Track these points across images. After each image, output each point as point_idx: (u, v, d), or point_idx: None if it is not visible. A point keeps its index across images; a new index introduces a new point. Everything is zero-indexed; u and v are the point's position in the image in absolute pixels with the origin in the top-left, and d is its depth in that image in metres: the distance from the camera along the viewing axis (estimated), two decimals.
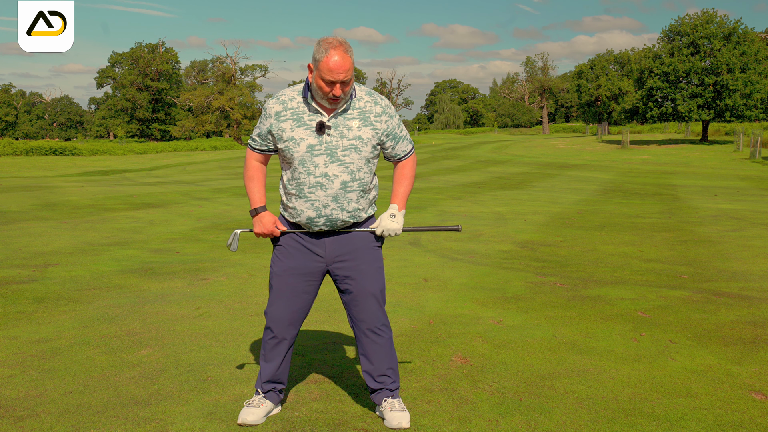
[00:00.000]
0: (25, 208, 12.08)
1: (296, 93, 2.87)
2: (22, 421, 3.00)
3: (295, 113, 2.83)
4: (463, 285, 5.89)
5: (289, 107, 2.84)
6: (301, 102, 2.84)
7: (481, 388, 3.42)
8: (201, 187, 17.92)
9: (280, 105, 2.86)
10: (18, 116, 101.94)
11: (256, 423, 2.98)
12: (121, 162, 38.80)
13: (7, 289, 5.54)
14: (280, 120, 2.84)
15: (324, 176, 2.82)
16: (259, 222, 2.97)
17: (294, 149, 2.82)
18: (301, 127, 2.81)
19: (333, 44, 2.69)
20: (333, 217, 2.88)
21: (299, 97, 2.85)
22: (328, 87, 2.71)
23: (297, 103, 2.84)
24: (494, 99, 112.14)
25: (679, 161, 32.33)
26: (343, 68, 2.67)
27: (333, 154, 2.82)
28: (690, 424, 3.00)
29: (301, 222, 2.93)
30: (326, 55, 2.67)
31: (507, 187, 18.77)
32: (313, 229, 2.91)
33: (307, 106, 2.83)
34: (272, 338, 3.04)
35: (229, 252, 7.60)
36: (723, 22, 40.35)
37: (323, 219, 2.88)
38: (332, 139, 2.81)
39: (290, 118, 2.83)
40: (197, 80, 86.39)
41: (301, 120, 2.82)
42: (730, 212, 12.38)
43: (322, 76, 2.69)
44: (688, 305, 5.14)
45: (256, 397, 3.07)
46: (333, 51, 2.68)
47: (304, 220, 2.90)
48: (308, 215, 2.88)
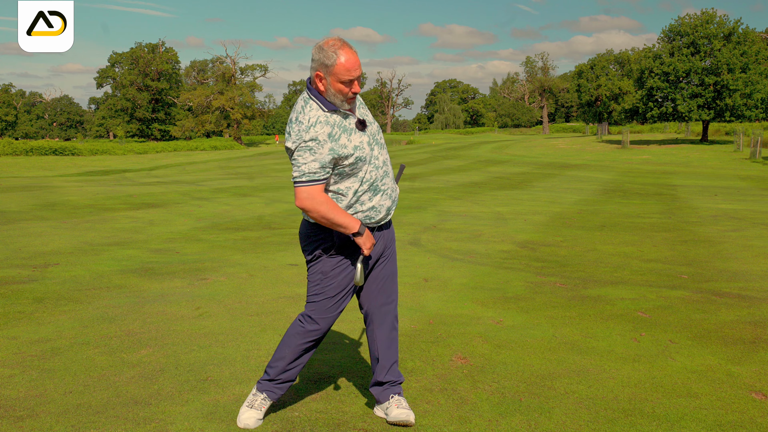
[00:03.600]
0: (25, 208, 12.08)
1: (320, 111, 2.77)
2: (22, 421, 3.00)
3: (339, 125, 2.77)
4: (463, 285, 5.88)
5: (330, 122, 2.76)
6: (332, 114, 2.79)
7: (481, 388, 3.42)
8: (201, 187, 17.92)
9: (327, 126, 2.75)
10: (18, 116, 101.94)
11: (257, 425, 2.98)
12: (121, 162, 38.81)
13: (7, 289, 5.54)
14: (335, 139, 2.75)
15: (384, 164, 2.93)
16: (368, 238, 2.86)
17: (362, 154, 2.81)
18: (352, 134, 2.81)
19: (338, 45, 2.71)
20: (396, 197, 3.02)
21: (327, 112, 2.77)
22: (348, 87, 2.74)
23: (332, 116, 2.77)
24: (494, 99, 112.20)
25: (679, 161, 32.32)
26: (358, 63, 2.74)
27: (378, 141, 2.93)
28: (690, 424, 3.00)
29: (379, 218, 2.94)
30: (337, 57, 2.70)
31: (507, 187, 18.76)
32: (384, 221, 2.98)
33: (339, 114, 2.80)
34: (315, 344, 3.01)
35: (229, 252, 7.60)
36: (723, 22, 40.34)
37: (395, 204, 3.01)
38: (371, 128, 2.91)
39: (339, 131, 2.77)
40: (197, 80, 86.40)
41: (346, 128, 2.80)
42: (730, 212, 12.38)
43: (341, 78, 2.71)
44: (688, 305, 5.14)
45: (259, 398, 3.03)
46: (341, 51, 2.71)
47: (383, 213, 2.94)
48: (387, 206, 2.95)
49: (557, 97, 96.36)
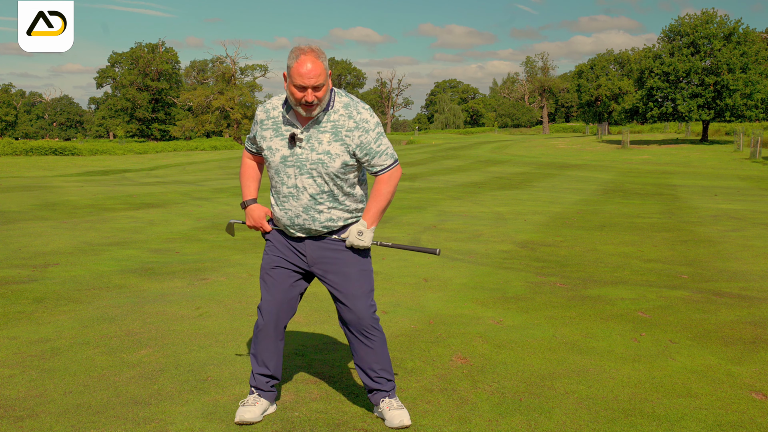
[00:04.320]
0: (25, 208, 12.08)
1: (280, 102, 2.91)
2: (22, 421, 3.00)
3: (275, 123, 2.90)
4: (463, 285, 5.88)
5: (271, 116, 2.92)
6: (283, 112, 2.88)
7: (481, 388, 3.42)
8: (201, 187, 17.92)
9: (264, 113, 2.94)
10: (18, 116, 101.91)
11: (254, 420, 2.98)
12: (121, 162, 38.81)
13: (7, 289, 5.54)
14: (263, 128, 2.93)
15: (294, 187, 2.88)
16: (248, 215, 3.05)
17: (270, 158, 2.90)
18: (278, 138, 2.88)
19: (304, 51, 2.71)
20: (305, 226, 2.93)
21: (281, 108, 2.89)
22: (300, 92, 2.72)
23: (278, 113, 2.90)
24: (494, 99, 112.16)
25: (679, 161, 32.32)
26: (314, 73, 2.68)
27: (302, 167, 2.84)
28: (690, 424, 3.00)
29: (280, 227, 3.02)
30: (297, 61, 2.70)
31: (507, 187, 18.76)
32: (290, 234, 2.98)
33: (285, 117, 2.87)
34: (260, 331, 3.07)
35: (229, 252, 7.60)
36: (723, 22, 40.35)
37: (297, 228, 2.95)
38: (303, 152, 2.83)
39: (270, 127, 2.90)
40: (197, 80, 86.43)
41: (279, 130, 2.88)
42: (730, 212, 12.38)
43: (294, 82, 2.71)
44: (688, 305, 5.14)
45: (251, 396, 3.08)
46: (304, 57, 2.70)
47: (281, 226, 3.00)
48: (284, 223, 2.96)
49: (557, 97, 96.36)
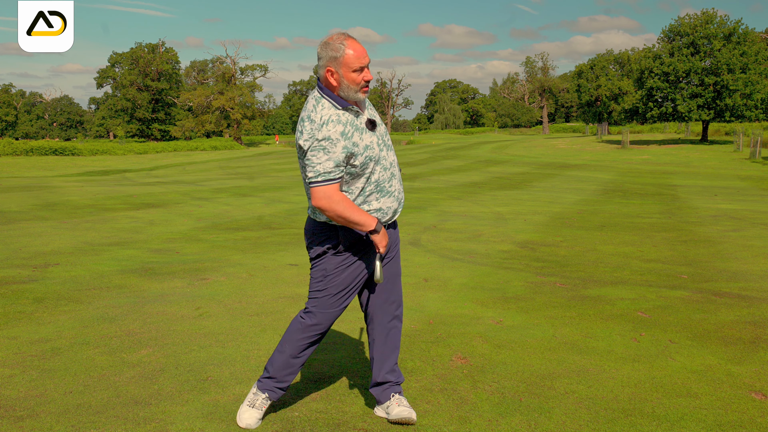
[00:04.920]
0: (25, 208, 12.08)
1: (333, 109, 2.76)
2: (22, 421, 3.00)
3: (352, 124, 2.77)
4: (463, 285, 5.88)
5: (341, 121, 2.74)
6: (345, 113, 2.78)
7: (481, 388, 3.42)
8: (201, 187, 17.92)
9: (339, 125, 2.73)
10: (18, 116, 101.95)
11: (256, 425, 2.97)
12: (121, 162, 38.81)
13: (7, 289, 5.54)
14: (348, 138, 2.73)
15: (392, 165, 2.92)
16: (384, 236, 2.85)
17: (373, 153, 2.81)
18: (366, 134, 2.81)
19: (343, 37, 2.76)
20: (403, 199, 3.00)
21: (341, 110, 2.77)
22: (361, 74, 2.76)
23: (346, 117, 2.77)
24: (494, 99, 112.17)
25: (679, 161, 32.32)
26: (365, 51, 2.77)
27: (386, 143, 2.92)
28: (690, 424, 3.00)
29: (385, 220, 2.94)
30: (345, 47, 2.73)
31: (507, 187, 18.76)
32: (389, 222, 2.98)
33: (351, 112, 2.80)
34: (316, 341, 3.01)
35: (229, 252, 7.60)
36: (723, 22, 40.35)
37: (401, 206, 3.00)
38: (380, 128, 2.91)
39: (353, 131, 2.76)
40: (197, 80, 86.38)
41: (359, 127, 2.80)
42: (730, 212, 12.38)
43: (352, 66, 2.73)
44: (688, 305, 5.14)
45: (260, 398, 3.02)
46: (348, 42, 2.75)
47: (390, 215, 2.94)
48: (394, 208, 2.95)
49: (557, 97, 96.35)
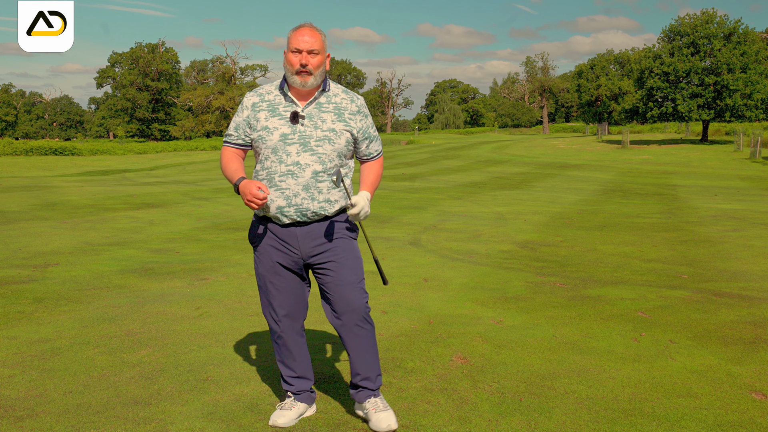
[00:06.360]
0: (25, 208, 12.08)
1: (273, 87, 2.97)
2: (22, 421, 3.00)
3: (270, 104, 2.92)
4: (463, 285, 5.88)
5: (265, 99, 2.94)
6: (278, 94, 2.94)
7: (481, 388, 3.42)
8: (201, 187, 17.91)
9: (257, 97, 2.96)
10: (18, 116, 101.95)
11: (287, 425, 2.95)
12: (121, 162, 38.80)
13: (7, 289, 5.54)
14: (256, 111, 2.93)
15: (295, 165, 2.85)
16: (242, 192, 2.78)
17: (267, 138, 2.88)
18: (276, 117, 2.90)
19: (303, 24, 2.89)
20: (303, 206, 2.86)
21: (276, 90, 2.95)
22: (297, 57, 2.82)
23: (274, 96, 2.94)
24: (494, 99, 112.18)
25: (679, 161, 32.33)
26: (310, 38, 2.83)
27: (306, 144, 2.86)
28: (690, 424, 3.00)
29: (270, 213, 2.90)
30: (295, 29, 2.89)
31: (507, 187, 18.76)
32: (282, 220, 2.89)
33: (284, 97, 2.92)
34: (278, 338, 3.05)
35: (229, 252, 7.60)
36: (723, 22, 40.37)
37: (293, 208, 2.86)
38: (306, 129, 2.87)
39: (265, 109, 2.92)
40: (197, 80, 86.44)
41: (276, 110, 2.91)
42: (730, 212, 12.38)
43: (291, 46, 2.85)
44: (688, 305, 5.14)
45: (288, 400, 3.05)
46: (302, 27, 2.87)
47: (273, 210, 2.88)
48: (278, 204, 2.86)
49: (557, 97, 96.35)
